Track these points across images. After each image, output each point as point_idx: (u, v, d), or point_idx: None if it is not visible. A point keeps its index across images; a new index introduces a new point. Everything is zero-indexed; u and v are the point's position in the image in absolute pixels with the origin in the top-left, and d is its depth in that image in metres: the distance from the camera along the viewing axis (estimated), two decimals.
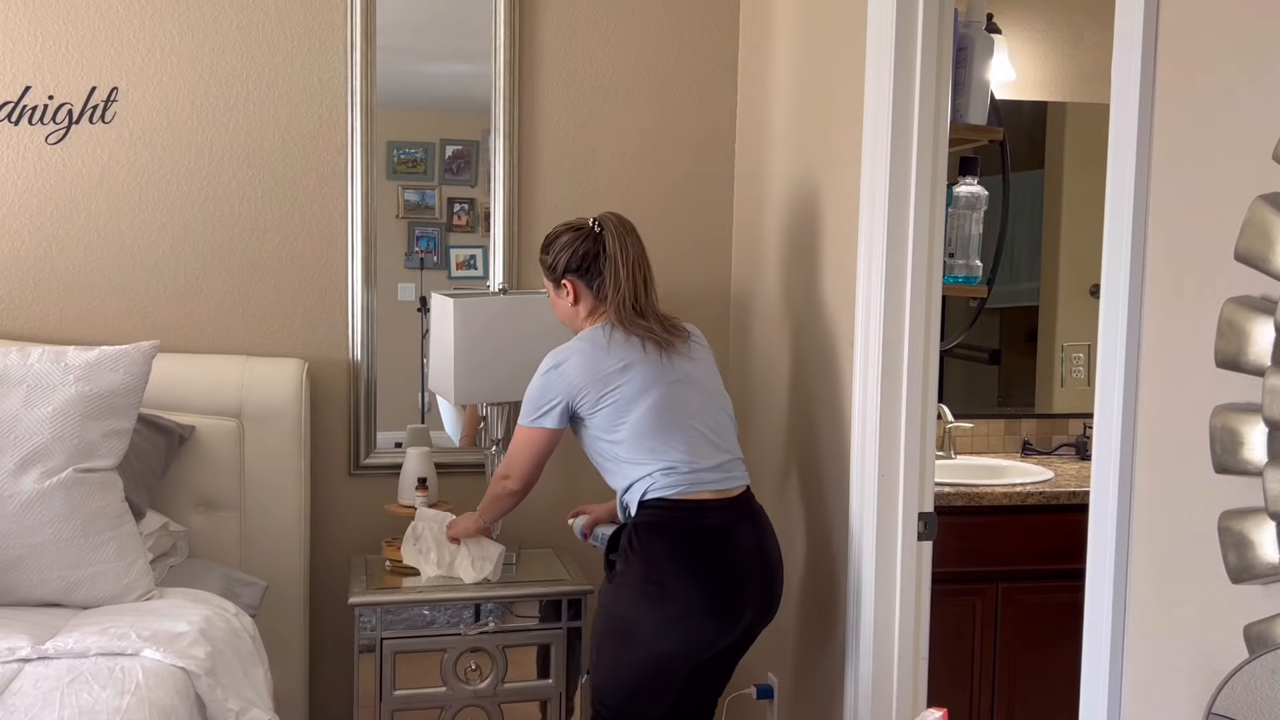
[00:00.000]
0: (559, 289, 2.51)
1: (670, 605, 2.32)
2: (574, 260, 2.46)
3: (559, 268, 2.49)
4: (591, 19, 3.12)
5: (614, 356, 2.40)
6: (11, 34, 2.82)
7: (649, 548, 2.34)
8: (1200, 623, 1.51)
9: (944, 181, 2.37)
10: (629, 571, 2.35)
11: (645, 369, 2.39)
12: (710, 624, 2.33)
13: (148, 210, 2.92)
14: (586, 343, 2.44)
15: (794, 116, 2.84)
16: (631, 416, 2.37)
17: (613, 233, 2.46)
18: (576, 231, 2.49)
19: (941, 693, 2.55)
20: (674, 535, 2.34)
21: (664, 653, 2.34)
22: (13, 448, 2.29)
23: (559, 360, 2.43)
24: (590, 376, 2.39)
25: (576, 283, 2.48)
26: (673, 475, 2.34)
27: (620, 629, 2.36)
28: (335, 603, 2.98)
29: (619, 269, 2.43)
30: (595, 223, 2.49)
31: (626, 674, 2.38)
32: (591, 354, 2.41)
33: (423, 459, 2.90)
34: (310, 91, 2.98)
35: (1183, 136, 1.54)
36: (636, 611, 2.34)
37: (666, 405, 2.38)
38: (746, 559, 2.37)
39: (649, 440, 2.36)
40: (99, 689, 1.93)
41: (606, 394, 2.38)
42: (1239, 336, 1.39)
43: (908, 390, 2.35)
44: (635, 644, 2.35)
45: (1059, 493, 3.05)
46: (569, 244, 2.48)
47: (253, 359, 2.91)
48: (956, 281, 3.04)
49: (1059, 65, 3.58)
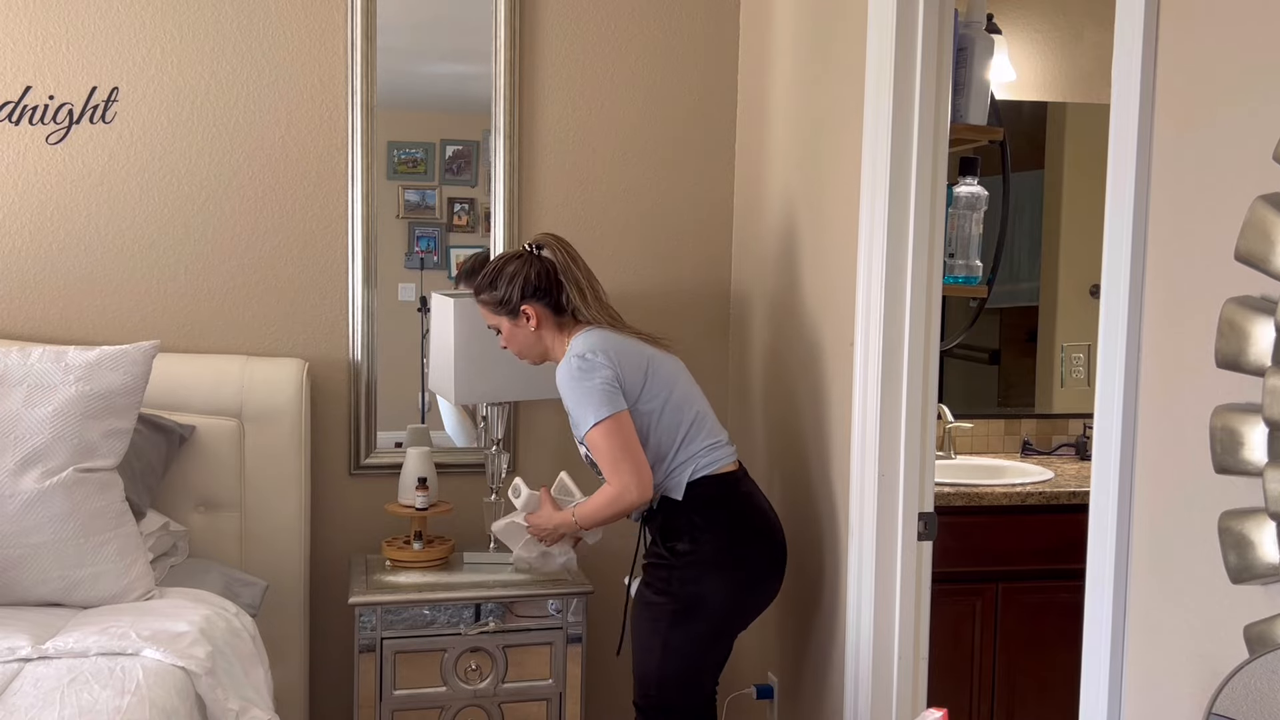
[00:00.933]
0: (517, 319, 2.48)
1: (740, 573, 2.43)
2: (529, 285, 2.45)
3: (514, 298, 2.46)
4: (591, 19, 3.12)
5: (633, 346, 2.45)
6: (12, 34, 2.82)
7: (714, 520, 2.42)
8: (1200, 623, 1.51)
9: (944, 182, 2.36)
10: (697, 548, 2.40)
11: (662, 359, 2.49)
12: (773, 583, 2.50)
13: (148, 210, 2.92)
14: (602, 334, 2.43)
15: (794, 117, 2.83)
16: (669, 398, 2.43)
17: (555, 249, 2.49)
18: (519, 258, 2.49)
19: (941, 693, 2.55)
20: (731, 507, 2.45)
21: (735, 616, 2.46)
22: (13, 448, 2.29)
23: (586, 355, 2.37)
24: (630, 361, 2.41)
25: (537, 306, 2.47)
26: (711, 454, 2.44)
27: (691, 607, 2.40)
28: (335, 603, 2.98)
29: (578, 277, 2.46)
30: (533, 246, 2.51)
31: (697, 648, 2.43)
32: (619, 340, 2.44)
33: (423, 459, 2.90)
34: (310, 91, 2.98)
35: (1183, 136, 1.53)
36: (712, 583, 2.40)
37: (689, 388, 2.50)
38: (774, 520, 2.52)
39: (683, 424, 2.44)
40: (99, 689, 1.93)
41: (647, 377, 2.42)
42: (1239, 336, 1.39)
43: (908, 390, 2.35)
44: (708, 616, 2.41)
45: (1059, 493, 3.05)
46: (518, 271, 2.46)
47: (253, 359, 2.91)
48: (956, 281, 3.04)
49: (1059, 65, 3.58)
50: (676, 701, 2.48)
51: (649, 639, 2.44)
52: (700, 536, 2.41)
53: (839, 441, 2.54)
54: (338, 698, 3.03)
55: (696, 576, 2.41)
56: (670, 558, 2.43)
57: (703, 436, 2.45)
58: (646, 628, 2.45)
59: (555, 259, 2.48)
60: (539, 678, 2.80)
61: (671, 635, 2.42)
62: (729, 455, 2.48)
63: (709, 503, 2.43)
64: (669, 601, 2.41)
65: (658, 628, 2.43)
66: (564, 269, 2.46)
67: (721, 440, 2.49)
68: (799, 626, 2.78)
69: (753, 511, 2.48)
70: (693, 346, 3.24)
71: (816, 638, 2.68)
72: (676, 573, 2.41)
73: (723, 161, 3.25)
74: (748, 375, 3.16)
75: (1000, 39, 3.29)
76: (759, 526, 2.47)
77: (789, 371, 2.84)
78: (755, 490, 2.53)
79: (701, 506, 2.42)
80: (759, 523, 2.48)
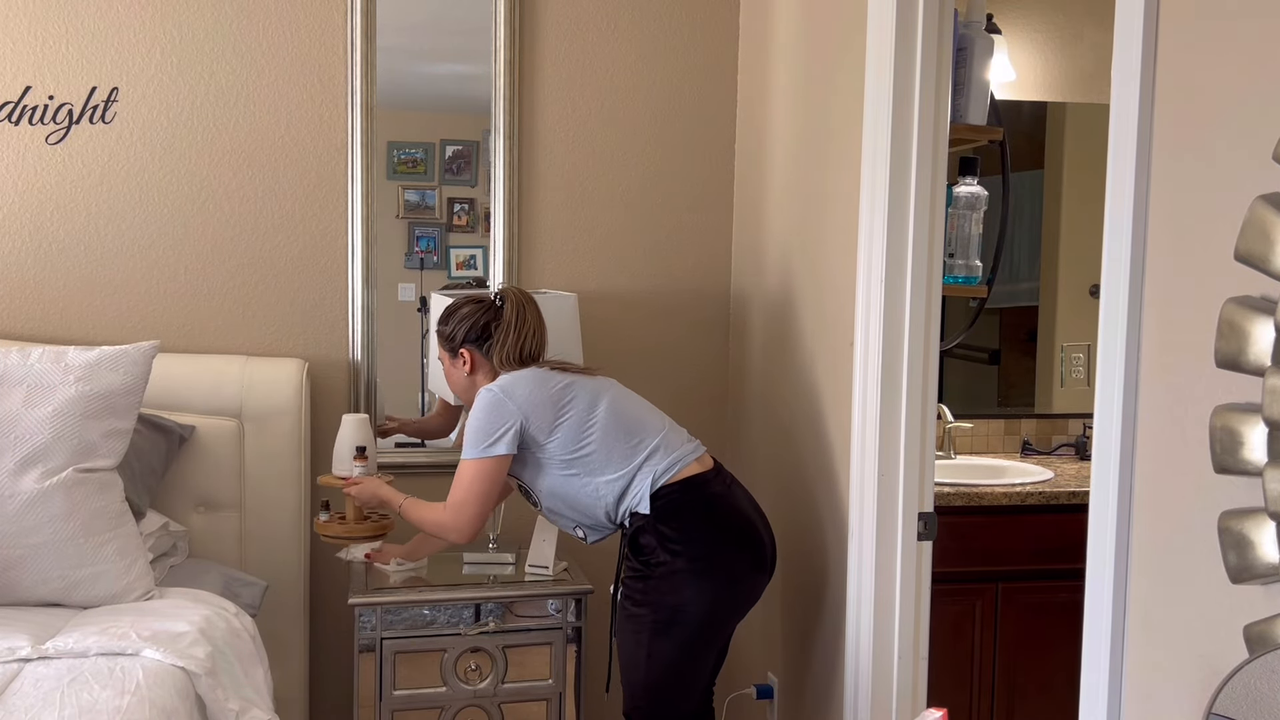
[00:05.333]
0: (455, 358, 2.56)
1: (720, 574, 2.40)
2: (472, 331, 2.53)
3: (457, 338, 2.54)
4: (591, 19, 3.12)
5: (551, 379, 2.46)
6: (11, 34, 2.82)
7: (683, 530, 2.39)
8: (1200, 623, 1.51)
9: (944, 181, 2.36)
10: (672, 560, 2.38)
11: (585, 382, 2.48)
12: (757, 581, 2.47)
13: (148, 210, 2.92)
14: (518, 375, 2.46)
15: (794, 116, 2.84)
16: (597, 420, 2.42)
17: (512, 303, 2.53)
18: (478, 304, 2.56)
19: (941, 693, 2.55)
20: (697, 511, 2.42)
21: (719, 620, 2.44)
22: (13, 448, 2.29)
23: (505, 388, 2.43)
24: (542, 396, 2.42)
25: (473, 352, 2.54)
26: (664, 459, 2.41)
27: (671, 617, 2.39)
28: (335, 603, 2.98)
29: (509, 333, 2.50)
30: (498, 296, 2.56)
31: (681, 655, 2.41)
32: (533, 377, 2.45)
33: (360, 426, 2.74)
34: (310, 91, 2.98)
35: (1182, 136, 1.53)
36: (690, 591, 2.38)
37: (622, 402, 2.48)
38: (753, 518, 2.48)
39: (625, 439, 2.42)
40: (99, 689, 1.93)
41: (563, 409, 2.43)
42: (1239, 336, 1.39)
43: (908, 390, 2.35)
44: (690, 623, 2.39)
45: (1059, 493, 3.05)
46: (468, 315, 2.54)
47: (253, 359, 2.92)
48: (956, 281, 3.04)
49: (1059, 65, 3.58)
50: (667, 708, 2.46)
51: (633, 650, 2.44)
52: (672, 548, 2.38)
53: (839, 441, 2.54)
54: (338, 698, 3.03)
55: (674, 587, 2.38)
56: (645, 570, 2.41)
57: (652, 443, 2.42)
58: (630, 640, 2.44)
59: (505, 313, 2.52)
60: (539, 678, 2.80)
61: (654, 645, 2.40)
62: (688, 455, 2.44)
63: (677, 510, 2.39)
64: (649, 612, 2.40)
65: (640, 639, 2.42)
66: (505, 324, 2.51)
67: (675, 442, 2.45)
68: (799, 626, 2.78)
69: (727, 512, 2.44)
70: (693, 347, 3.24)
71: (816, 638, 2.68)
72: (653, 583, 2.40)
73: (723, 161, 3.25)
74: (747, 375, 3.16)
75: (1000, 39, 3.29)
76: (735, 526, 2.44)
77: (789, 371, 2.84)
78: (729, 489, 2.47)
79: (670, 516, 2.39)
80: (735, 522, 2.44)
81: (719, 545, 2.41)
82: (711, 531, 2.41)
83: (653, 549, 2.39)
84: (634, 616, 2.43)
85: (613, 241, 3.18)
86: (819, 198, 2.67)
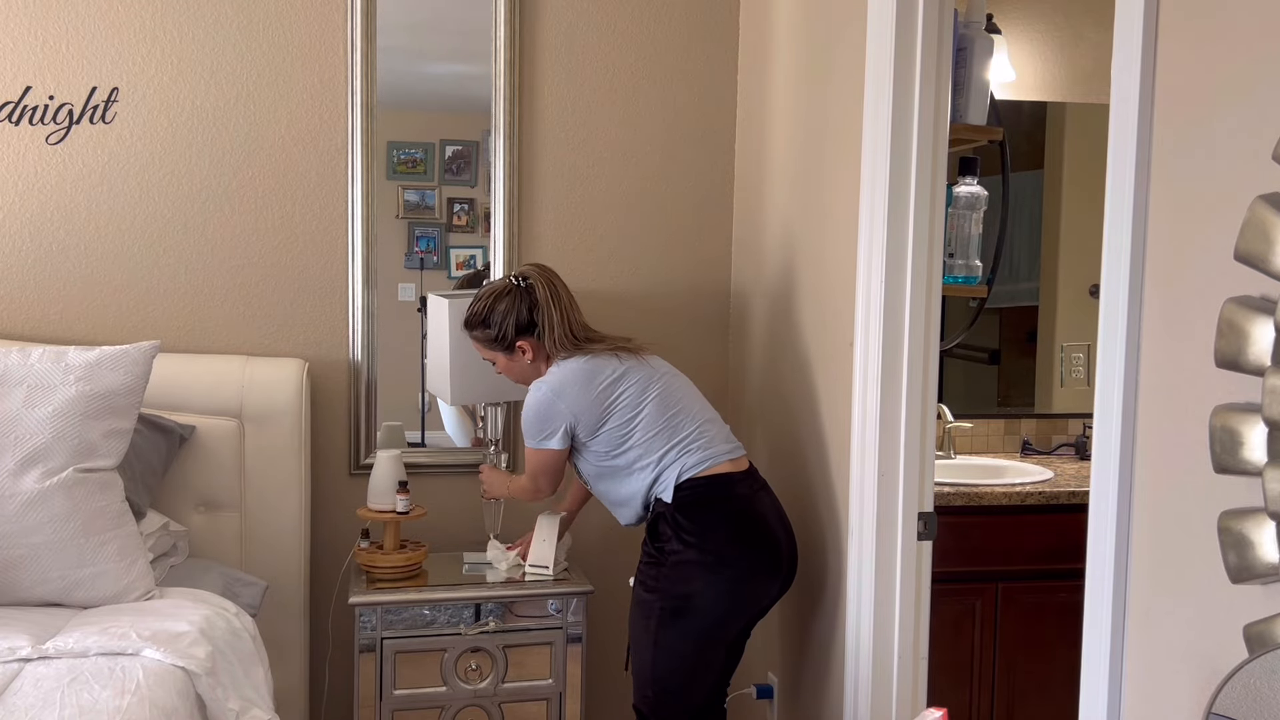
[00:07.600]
0: (513, 354, 2.58)
1: (728, 570, 2.44)
2: (519, 322, 2.56)
3: (508, 335, 2.56)
4: (591, 19, 3.12)
5: (602, 374, 2.50)
6: (11, 34, 2.82)
7: (699, 523, 2.43)
8: (1200, 623, 1.51)
9: (944, 181, 2.37)
10: (684, 550, 2.43)
11: (635, 373, 2.51)
12: (766, 581, 2.49)
13: (148, 210, 2.92)
14: (570, 370, 2.50)
15: (794, 116, 2.84)
16: (641, 422, 2.48)
17: (540, 281, 2.56)
18: (508, 295, 2.57)
19: (941, 693, 2.55)
20: (717, 508, 2.46)
21: (726, 617, 2.46)
22: (13, 448, 2.29)
23: (555, 389, 2.49)
24: (589, 398, 2.48)
25: (528, 340, 2.56)
26: (697, 454, 2.46)
27: (679, 606, 2.43)
28: (335, 603, 2.98)
29: (552, 311, 2.53)
30: (518, 278, 2.58)
31: (689, 648, 2.45)
32: (583, 375, 2.49)
33: (395, 463, 2.82)
34: (310, 91, 2.98)
35: (1182, 136, 1.54)
36: (699, 584, 2.43)
37: (668, 396, 2.52)
38: (775, 523, 2.52)
39: (665, 434, 2.48)
40: (99, 689, 1.93)
41: (608, 411, 2.48)
42: (1239, 336, 1.39)
43: (908, 390, 2.36)
44: (698, 616, 2.43)
45: (1059, 493, 3.05)
46: (509, 310, 2.56)
47: (253, 359, 2.92)
48: (956, 281, 3.04)
49: (1059, 65, 3.58)
50: (673, 704, 2.48)
51: (642, 636, 2.49)
52: (686, 538, 2.43)
53: (839, 441, 2.54)
54: (338, 698, 3.03)
55: (685, 577, 2.43)
56: (659, 556, 2.47)
57: (690, 438, 2.48)
58: (640, 625, 2.49)
59: (538, 294, 2.55)
60: (539, 678, 2.80)
61: (661, 634, 2.44)
62: (721, 455, 2.49)
63: (696, 505, 2.44)
64: (658, 599, 2.45)
65: (649, 625, 2.46)
66: (544, 306, 2.54)
67: (714, 440, 2.50)
68: (799, 626, 2.78)
69: (745, 512, 2.47)
70: (693, 346, 3.24)
71: (816, 638, 2.68)
72: (665, 571, 2.45)
73: (723, 161, 3.25)
74: (747, 375, 3.16)
75: (1000, 39, 3.29)
76: (751, 527, 2.47)
77: (789, 371, 2.84)
78: (755, 493, 2.51)
79: (687, 509, 2.44)
80: (752, 523, 2.47)
81: (731, 542, 2.44)
82: (726, 528, 2.45)
83: (668, 537, 2.45)
84: (644, 603, 2.48)
85: (613, 241, 3.18)
86: (819, 198, 2.67)
